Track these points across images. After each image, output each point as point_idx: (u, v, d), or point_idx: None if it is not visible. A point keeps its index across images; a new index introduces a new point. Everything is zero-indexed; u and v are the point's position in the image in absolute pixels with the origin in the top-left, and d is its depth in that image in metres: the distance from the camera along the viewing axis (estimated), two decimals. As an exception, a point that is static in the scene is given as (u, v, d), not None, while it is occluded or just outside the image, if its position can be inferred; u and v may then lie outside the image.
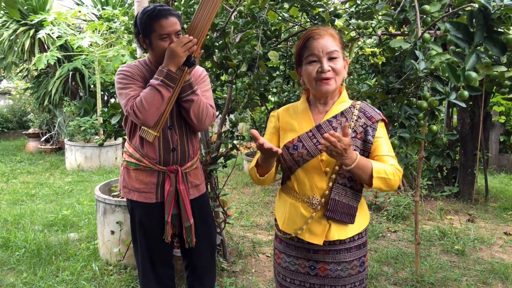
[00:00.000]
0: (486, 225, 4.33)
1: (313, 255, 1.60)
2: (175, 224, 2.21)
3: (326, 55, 1.50)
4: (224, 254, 3.39)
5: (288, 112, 1.67)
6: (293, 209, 1.60)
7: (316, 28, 1.55)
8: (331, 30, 1.56)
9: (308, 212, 1.57)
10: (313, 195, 1.56)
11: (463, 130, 5.04)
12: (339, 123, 1.56)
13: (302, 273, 1.63)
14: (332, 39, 1.52)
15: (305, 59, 1.54)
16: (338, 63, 1.51)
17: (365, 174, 1.44)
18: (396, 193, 5.14)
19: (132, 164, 2.14)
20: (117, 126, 2.94)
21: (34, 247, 3.55)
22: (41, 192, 5.65)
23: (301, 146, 1.56)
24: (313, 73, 1.52)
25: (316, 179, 1.56)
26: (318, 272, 1.60)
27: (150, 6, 2.02)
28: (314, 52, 1.51)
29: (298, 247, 1.63)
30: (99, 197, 3.27)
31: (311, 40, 1.52)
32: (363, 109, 1.59)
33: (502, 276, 3.17)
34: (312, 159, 1.54)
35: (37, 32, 7.15)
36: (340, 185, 1.54)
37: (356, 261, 1.60)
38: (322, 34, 1.52)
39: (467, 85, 1.42)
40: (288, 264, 1.67)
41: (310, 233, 1.57)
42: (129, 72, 2.06)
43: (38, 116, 8.78)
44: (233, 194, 5.51)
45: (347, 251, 1.59)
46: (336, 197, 1.53)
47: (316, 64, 1.51)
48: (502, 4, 1.27)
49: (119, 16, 5.89)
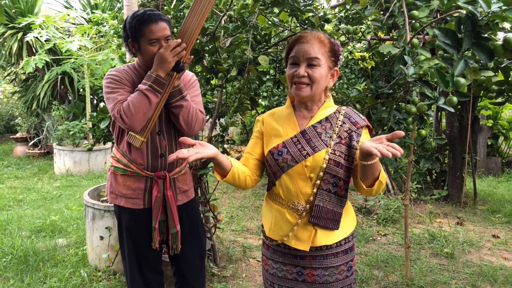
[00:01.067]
0: (475, 228, 4.37)
1: (300, 261, 1.60)
2: (163, 230, 2.19)
3: (305, 60, 1.49)
4: (215, 259, 3.38)
5: (273, 117, 1.66)
6: (279, 215, 1.60)
7: (307, 32, 1.55)
8: (322, 36, 1.53)
9: (294, 218, 1.56)
10: (298, 201, 1.55)
11: (452, 134, 5.08)
12: (323, 128, 1.55)
13: (290, 279, 1.62)
14: (318, 46, 1.50)
15: (288, 60, 1.55)
16: (317, 71, 1.49)
17: (375, 174, 1.40)
18: (386, 196, 5.17)
19: (120, 170, 2.12)
20: (106, 130, 2.92)
21: (21, 254, 3.50)
22: (29, 197, 5.58)
23: (286, 152, 1.55)
24: (290, 75, 1.53)
25: (300, 185, 1.55)
26: (306, 277, 1.59)
27: (140, 11, 2.01)
28: (296, 55, 1.51)
29: (285, 253, 1.62)
30: (88, 202, 3.24)
31: (297, 44, 1.52)
32: (348, 114, 1.58)
33: (491, 278, 3.19)
34: (297, 164, 1.53)
35: (25, 35, 7.08)
36: (324, 191, 1.53)
37: (343, 265, 1.60)
38: (309, 39, 1.51)
39: (455, 91, 1.43)
40: (275, 270, 1.66)
41: (296, 239, 1.56)
42: (117, 76, 2.05)
43: (26, 120, 8.68)
44: (223, 198, 5.49)
45: (334, 256, 1.58)
46: (320, 203, 1.52)
47: (295, 67, 1.52)
48: (489, 11, 1.28)
49: (109, 19, 5.86)
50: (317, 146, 1.53)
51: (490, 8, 1.28)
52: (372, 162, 1.34)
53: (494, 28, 1.35)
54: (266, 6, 2.54)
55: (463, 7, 1.33)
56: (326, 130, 1.55)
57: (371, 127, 1.61)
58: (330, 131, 1.54)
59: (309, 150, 1.53)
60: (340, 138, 1.53)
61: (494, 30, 1.35)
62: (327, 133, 1.54)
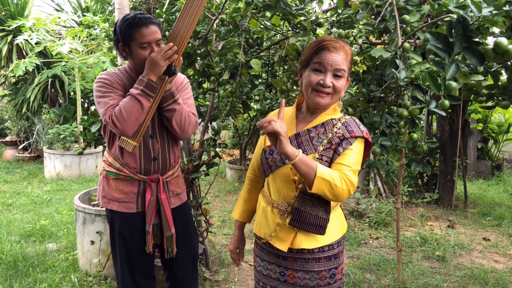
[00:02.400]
0: (466, 231, 4.40)
1: (282, 261, 1.62)
2: (156, 234, 2.17)
3: (333, 70, 1.48)
4: (207, 263, 3.36)
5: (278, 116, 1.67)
6: (265, 213, 1.62)
7: (334, 39, 1.52)
8: (347, 46, 1.53)
9: (277, 218, 1.58)
10: (282, 201, 1.57)
11: (443, 137, 5.12)
12: (317, 133, 1.55)
13: (273, 278, 1.64)
14: (344, 57, 1.50)
15: (312, 64, 1.51)
16: (341, 82, 1.50)
17: (309, 172, 1.39)
18: (378, 200, 5.19)
19: (112, 174, 2.10)
20: (97, 134, 2.90)
21: (10, 259, 3.45)
22: (18, 201, 5.51)
23: (276, 152, 1.57)
24: (314, 81, 1.50)
25: (284, 186, 1.56)
26: (287, 278, 1.61)
27: (130, 14, 1.99)
28: (322, 63, 1.48)
29: (270, 252, 1.65)
30: (79, 206, 3.21)
31: (325, 51, 1.49)
32: (347, 123, 1.55)
33: (482, 281, 3.21)
34: (283, 166, 1.55)
35: (15, 38, 7.01)
36: (306, 195, 1.51)
37: (325, 272, 1.58)
38: (338, 48, 1.49)
39: (447, 94, 1.44)
40: (261, 268, 1.69)
41: (277, 239, 1.58)
42: (108, 80, 2.03)
43: (16, 123, 8.59)
44: (215, 202, 5.48)
45: (315, 260, 1.57)
46: (301, 207, 1.51)
47: (320, 74, 1.49)
48: (480, 15, 1.30)
49: (100, 22, 5.82)
50: (306, 150, 1.53)
51: (481, 13, 1.30)
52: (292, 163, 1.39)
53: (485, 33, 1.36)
54: (258, 10, 2.54)
55: (454, 12, 1.34)
56: (319, 135, 1.55)
57: (370, 141, 1.57)
58: (323, 136, 1.54)
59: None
60: (331, 143, 1.52)
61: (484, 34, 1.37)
62: (320, 138, 1.54)
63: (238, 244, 1.85)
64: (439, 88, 1.41)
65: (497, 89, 2.00)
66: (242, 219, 1.82)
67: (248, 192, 1.81)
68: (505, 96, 1.92)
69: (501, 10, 1.26)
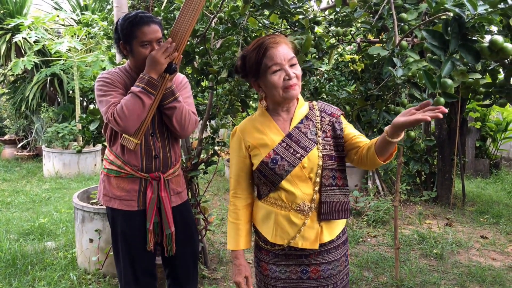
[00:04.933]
0: (464, 229, 4.42)
1: (304, 259, 1.61)
2: (157, 232, 2.18)
3: (287, 62, 1.50)
4: (205, 261, 3.37)
5: (252, 128, 1.63)
6: (283, 219, 1.58)
7: (270, 37, 1.55)
8: (283, 37, 1.57)
9: (300, 220, 1.55)
10: (303, 202, 1.55)
11: (441, 135, 5.13)
12: (307, 127, 1.57)
13: (294, 279, 1.63)
14: (287, 47, 1.53)
15: (268, 68, 1.51)
16: (298, 69, 1.53)
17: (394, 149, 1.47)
18: (376, 198, 5.20)
19: (113, 172, 2.11)
20: (95, 132, 2.90)
21: (9, 257, 3.45)
22: (17, 200, 5.51)
23: (280, 159, 1.54)
24: (279, 81, 1.50)
25: (302, 187, 1.55)
26: (311, 274, 1.62)
27: (131, 13, 2.01)
28: (277, 61, 1.49)
29: (289, 255, 1.62)
30: (77, 204, 3.21)
31: (271, 50, 1.50)
32: (322, 108, 1.63)
33: (479, 279, 3.23)
34: (294, 168, 1.54)
35: (14, 37, 7.01)
36: (327, 186, 1.55)
37: (343, 257, 1.66)
38: (278, 42, 1.52)
39: (443, 92, 1.45)
40: (278, 273, 1.65)
41: (303, 240, 1.56)
42: (109, 79, 2.04)
43: (15, 122, 8.58)
44: (214, 200, 5.49)
45: (335, 249, 1.63)
46: (327, 199, 1.55)
47: (280, 72, 1.50)
48: (475, 13, 1.30)
49: (98, 21, 5.82)
50: (308, 145, 1.55)
51: (476, 10, 1.30)
52: (398, 139, 1.41)
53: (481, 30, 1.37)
54: (256, 8, 2.55)
55: (451, 10, 1.35)
56: (310, 128, 1.57)
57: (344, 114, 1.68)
58: (314, 128, 1.58)
59: (302, 152, 1.54)
60: (325, 132, 1.58)
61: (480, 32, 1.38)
62: (312, 131, 1.57)
63: (245, 272, 1.69)
64: (434, 86, 1.41)
65: (494, 87, 2.01)
66: (248, 245, 1.69)
67: (240, 216, 1.68)
68: (502, 94, 1.93)
69: (496, 8, 1.27)
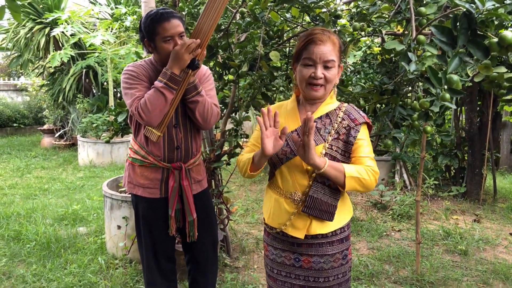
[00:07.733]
0: (492, 225, 4.31)
1: (297, 248, 1.68)
2: (179, 218, 2.27)
3: (322, 62, 1.54)
4: (228, 250, 3.46)
5: (279, 110, 1.71)
6: (278, 204, 1.67)
7: (320, 31, 1.57)
8: (333, 36, 1.58)
9: (291, 208, 1.63)
10: (295, 191, 1.62)
11: (471, 130, 5.01)
12: (323, 124, 1.61)
13: (288, 264, 1.70)
14: (332, 47, 1.55)
15: (302, 59, 1.58)
16: (331, 72, 1.56)
17: (339, 176, 1.50)
18: (403, 192, 5.14)
19: (137, 161, 2.21)
20: (123, 124, 3.02)
21: (44, 240, 3.66)
22: (54, 187, 5.79)
23: (286, 145, 1.62)
24: (306, 76, 1.57)
25: (298, 177, 1.61)
26: (303, 264, 1.67)
27: (153, 10, 2.08)
28: (311, 57, 1.54)
29: (284, 241, 1.70)
30: (107, 192, 3.36)
31: (312, 44, 1.55)
32: (348, 111, 1.63)
33: (503, 276, 3.16)
34: (295, 157, 1.60)
35: (52, 30, 7.30)
36: (319, 183, 1.59)
37: (338, 254, 1.67)
38: (324, 40, 1.54)
39: (449, 88, 1.44)
40: (275, 256, 1.74)
41: (293, 227, 1.63)
42: (134, 72, 2.12)
43: (53, 112, 8.95)
44: (240, 191, 5.57)
45: (329, 244, 1.65)
46: (314, 194, 1.58)
47: (310, 68, 1.56)
48: (484, 8, 1.29)
49: (129, 14, 5.98)
50: (315, 140, 1.58)
51: (484, 6, 1.29)
52: (320, 172, 1.48)
53: (490, 26, 1.36)
54: (276, 2, 2.57)
55: (460, 4, 1.34)
56: (326, 126, 1.61)
57: (370, 124, 1.66)
58: (329, 127, 1.60)
59: None
60: (338, 134, 1.59)
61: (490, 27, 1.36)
62: (326, 128, 1.60)
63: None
64: (440, 82, 1.41)
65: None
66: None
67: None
68: (524, 89, 1.89)
69: (502, 3, 1.25)
